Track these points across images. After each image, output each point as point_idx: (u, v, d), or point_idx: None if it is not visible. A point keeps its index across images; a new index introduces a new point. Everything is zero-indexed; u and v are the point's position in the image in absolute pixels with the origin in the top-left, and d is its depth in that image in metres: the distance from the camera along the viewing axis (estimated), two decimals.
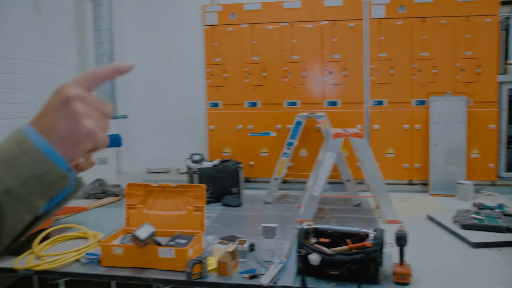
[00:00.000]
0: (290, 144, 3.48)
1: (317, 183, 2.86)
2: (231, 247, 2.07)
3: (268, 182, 3.55)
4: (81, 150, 0.59)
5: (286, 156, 3.46)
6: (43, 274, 2.11)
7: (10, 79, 3.40)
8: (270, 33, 3.95)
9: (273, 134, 4.00)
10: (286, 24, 3.93)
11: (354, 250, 1.96)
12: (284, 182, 3.87)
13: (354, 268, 1.88)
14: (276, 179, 3.46)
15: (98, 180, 3.64)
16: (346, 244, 2.04)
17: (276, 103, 4.01)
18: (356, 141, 2.92)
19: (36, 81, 3.68)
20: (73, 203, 3.23)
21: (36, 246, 2.26)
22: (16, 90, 3.48)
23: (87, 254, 2.18)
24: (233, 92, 4.08)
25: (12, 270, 2.10)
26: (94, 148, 0.62)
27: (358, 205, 3.28)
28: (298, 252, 1.99)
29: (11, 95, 3.44)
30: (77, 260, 2.18)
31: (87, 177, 3.61)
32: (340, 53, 3.86)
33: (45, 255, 2.20)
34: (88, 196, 3.49)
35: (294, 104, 3.99)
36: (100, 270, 2.08)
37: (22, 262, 2.14)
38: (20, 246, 2.24)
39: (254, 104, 4.05)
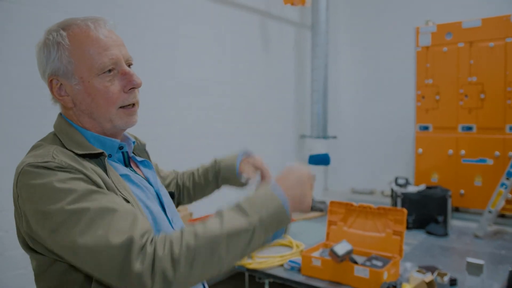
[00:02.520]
0: (510, 174, 3.10)
1: None
2: (428, 277, 2.00)
3: (480, 214, 3.24)
4: (299, 210, 0.96)
5: (504, 188, 3.10)
6: (253, 272, 2.43)
7: (240, 101, 4.00)
8: (492, 50, 3.62)
9: (490, 161, 3.62)
10: (511, 40, 3.54)
11: None
12: (501, 216, 3.46)
13: None
14: (490, 211, 3.12)
15: None
16: None
17: (495, 127, 3.62)
18: None
19: (262, 104, 4.23)
20: None
21: None
22: (245, 109, 4.07)
23: (290, 261, 2.41)
24: (446, 115, 3.87)
25: None
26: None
27: None
28: None
29: (245, 113, 4.06)
30: (281, 265, 2.42)
31: None
32: None
33: (255, 256, 2.52)
34: None
35: None
36: (299, 278, 2.27)
37: None
38: None
39: (469, 128, 3.75)
